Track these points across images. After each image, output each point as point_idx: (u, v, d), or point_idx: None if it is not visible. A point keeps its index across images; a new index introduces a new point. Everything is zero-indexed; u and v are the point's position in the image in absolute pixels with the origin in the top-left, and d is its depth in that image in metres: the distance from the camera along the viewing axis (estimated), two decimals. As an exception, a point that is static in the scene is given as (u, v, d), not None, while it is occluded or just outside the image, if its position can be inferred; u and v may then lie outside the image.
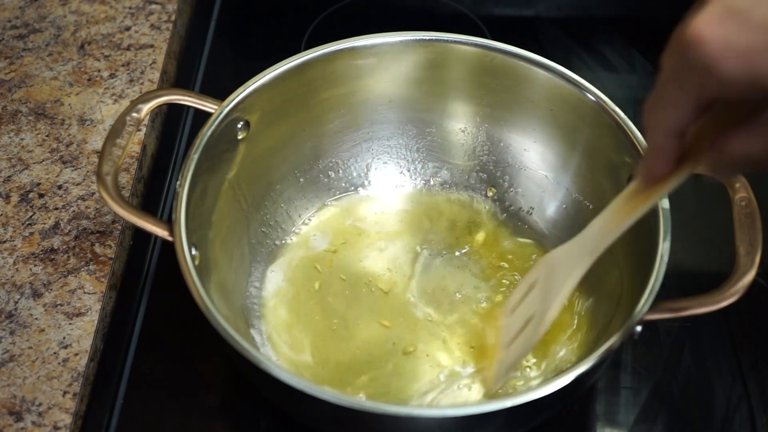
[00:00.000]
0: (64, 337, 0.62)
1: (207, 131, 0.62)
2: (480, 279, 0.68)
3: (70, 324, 0.63)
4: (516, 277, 0.68)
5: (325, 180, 0.74)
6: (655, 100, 0.44)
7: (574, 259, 0.56)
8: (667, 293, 0.55)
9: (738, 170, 0.45)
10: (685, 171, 0.47)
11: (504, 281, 0.68)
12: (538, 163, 0.72)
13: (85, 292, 0.65)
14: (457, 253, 0.70)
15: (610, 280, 0.64)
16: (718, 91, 0.40)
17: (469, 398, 0.62)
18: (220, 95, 0.65)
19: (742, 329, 0.68)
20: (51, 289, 0.65)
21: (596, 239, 0.55)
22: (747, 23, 0.38)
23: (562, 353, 0.64)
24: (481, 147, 0.74)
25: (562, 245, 0.58)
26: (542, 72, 0.67)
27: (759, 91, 0.39)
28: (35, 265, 0.66)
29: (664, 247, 0.56)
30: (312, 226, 0.72)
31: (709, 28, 0.39)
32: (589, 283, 0.66)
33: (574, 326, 0.65)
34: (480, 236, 0.71)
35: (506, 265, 0.69)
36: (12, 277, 0.65)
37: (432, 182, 0.75)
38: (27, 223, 0.69)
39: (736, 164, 0.43)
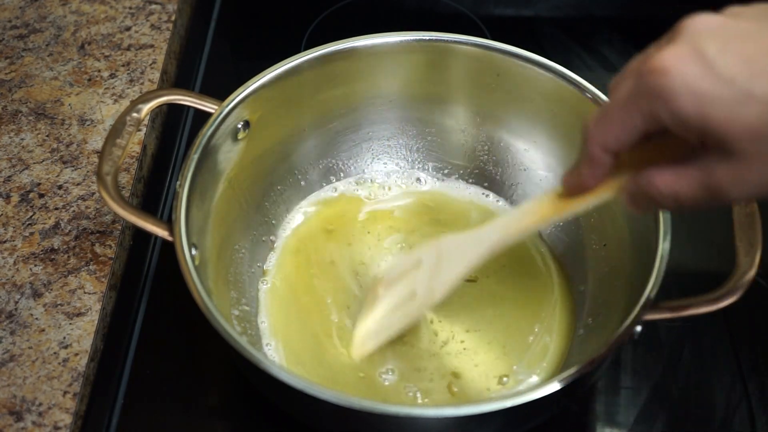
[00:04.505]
0: (64, 337, 0.62)
1: (207, 131, 0.62)
2: (479, 279, 0.68)
3: (70, 324, 0.63)
4: (514, 278, 0.68)
5: (325, 180, 0.74)
6: (602, 116, 0.46)
7: (469, 250, 0.56)
8: (667, 293, 0.55)
9: (656, 205, 0.46)
10: (606, 192, 0.48)
11: (502, 281, 0.68)
12: (538, 163, 0.72)
13: (85, 292, 0.65)
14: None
15: (610, 281, 0.64)
16: (666, 122, 0.42)
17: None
18: (220, 95, 0.65)
19: (742, 329, 0.68)
20: (51, 289, 0.65)
21: (497, 236, 0.55)
22: (711, 71, 0.41)
23: (562, 353, 0.64)
24: (481, 147, 0.74)
25: (461, 233, 0.58)
26: (542, 72, 0.67)
27: (701, 134, 0.42)
28: (35, 265, 0.66)
29: (664, 247, 0.56)
30: (312, 227, 0.72)
31: (675, 63, 0.41)
32: (589, 284, 0.67)
33: (570, 328, 0.65)
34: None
35: (505, 264, 0.69)
36: (12, 277, 0.65)
37: (431, 182, 0.75)
38: (27, 223, 0.69)
39: (659, 199, 0.45)
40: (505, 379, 0.63)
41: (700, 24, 0.43)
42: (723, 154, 0.42)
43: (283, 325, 0.65)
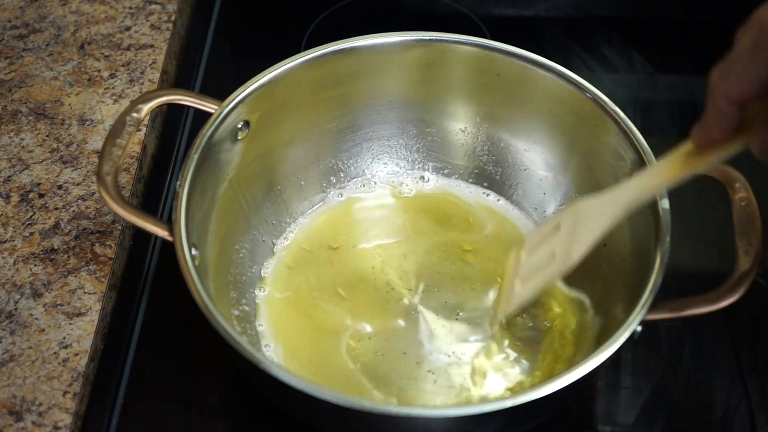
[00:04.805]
0: (64, 337, 0.62)
1: (207, 131, 0.62)
2: (480, 278, 0.68)
3: (70, 324, 0.63)
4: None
5: (325, 180, 0.74)
6: (726, 68, 0.46)
7: (606, 209, 0.57)
8: (667, 293, 0.55)
9: None
10: (736, 143, 0.49)
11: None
12: (538, 163, 0.72)
13: (85, 292, 0.65)
14: (457, 253, 0.70)
15: (610, 281, 0.64)
16: None
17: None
18: (220, 95, 0.65)
19: (742, 329, 0.68)
20: (51, 289, 0.65)
21: (632, 194, 0.56)
22: None
23: (562, 353, 0.64)
24: (481, 147, 0.74)
25: (595, 196, 0.59)
26: (542, 72, 0.67)
27: None
28: (35, 265, 0.66)
29: (664, 247, 0.56)
30: (312, 227, 0.72)
31: None
32: (590, 284, 0.67)
33: (573, 327, 0.65)
34: (480, 236, 0.71)
35: (504, 265, 0.69)
36: (12, 277, 0.65)
37: (432, 182, 0.75)
38: (27, 223, 0.69)
39: None
40: (496, 379, 0.62)
41: None
42: None
43: (281, 331, 0.65)
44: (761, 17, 0.43)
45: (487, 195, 0.74)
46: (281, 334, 0.65)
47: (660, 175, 0.54)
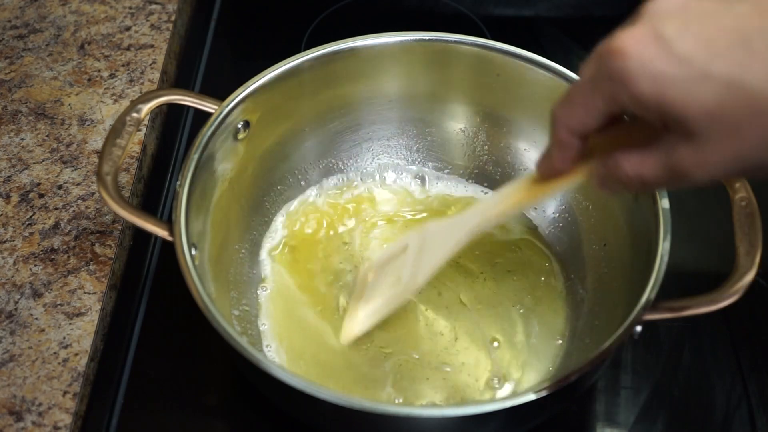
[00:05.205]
0: (64, 337, 0.62)
1: (207, 131, 0.62)
2: (479, 278, 0.68)
3: (70, 324, 0.63)
4: (513, 277, 0.69)
5: (325, 180, 0.74)
6: (568, 99, 0.46)
7: (451, 234, 0.58)
8: (667, 293, 0.55)
9: (623, 188, 0.46)
10: (578, 175, 0.49)
11: (503, 279, 0.68)
12: (538, 163, 0.72)
13: (85, 292, 0.65)
14: (457, 253, 0.70)
15: (610, 281, 0.64)
16: (626, 105, 0.42)
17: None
18: (220, 95, 0.65)
19: (742, 329, 0.68)
20: (51, 289, 0.65)
21: (478, 219, 0.57)
22: (668, 52, 0.40)
23: (562, 353, 0.64)
24: (481, 147, 0.74)
25: (443, 219, 0.60)
26: (542, 72, 0.67)
27: (661, 116, 0.41)
28: (35, 265, 0.66)
29: (664, 247, 0.56)
30: (312, 227, 0.72)
31: (633, 44, 0.41)
32: (589, 284, 0.67)
33: (570, 328, 0.65)
34: (479, 235, 0.71)
35: (504, 265, 0.69)
36: (12, 277, 0.65)
37: (432, 182, 0.75)
38: (27, 223, 0.69)
39: (625, 182, 0.46)
40: (495, 379, 0.63)
41: (661, 5, 0.42)
42: (683, 135, 0.42)
43: (284, 330, 0.65)
44: (601, 49, 0.43)
45: (487, 195, 0.74)
46: (285, 334, 0.65)
47: (505, 203, 0.54)
